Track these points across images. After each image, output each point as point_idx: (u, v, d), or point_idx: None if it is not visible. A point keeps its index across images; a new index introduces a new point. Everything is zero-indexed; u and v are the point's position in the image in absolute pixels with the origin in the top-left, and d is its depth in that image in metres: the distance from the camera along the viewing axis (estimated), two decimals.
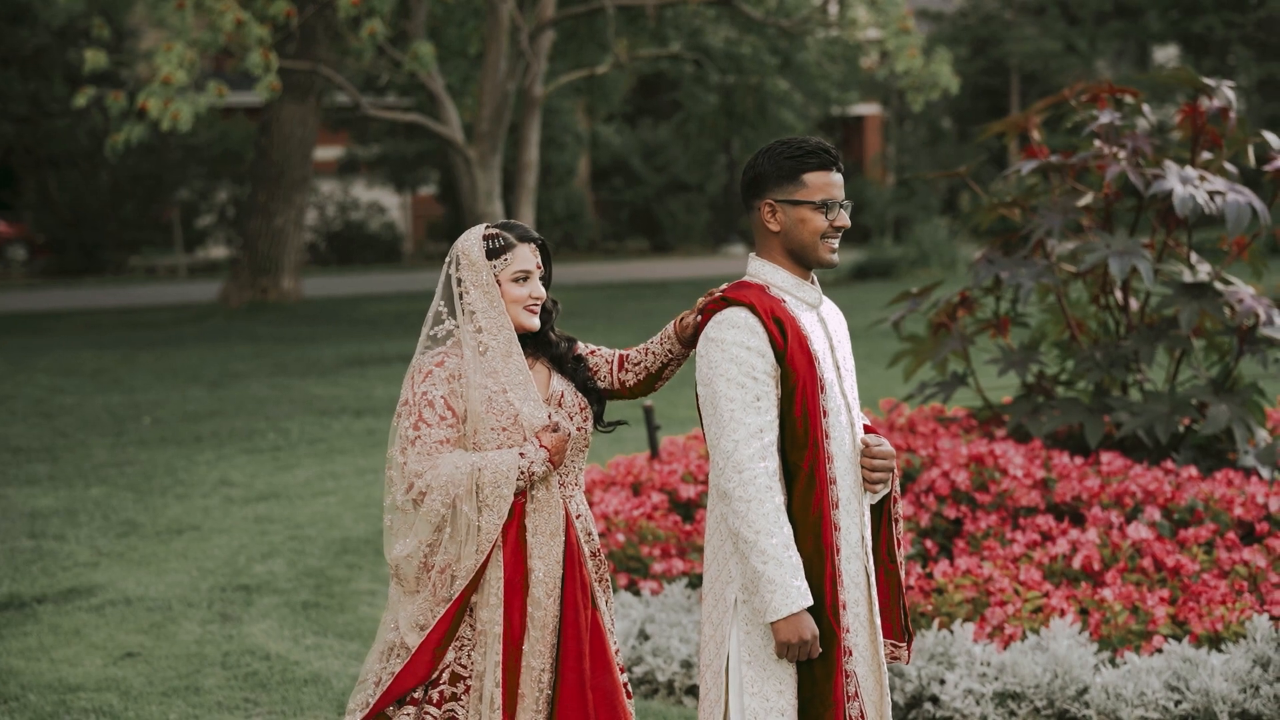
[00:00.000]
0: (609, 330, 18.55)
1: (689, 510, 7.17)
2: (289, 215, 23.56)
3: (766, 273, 3.75)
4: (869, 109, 39.57)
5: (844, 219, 3.73)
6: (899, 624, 3.89)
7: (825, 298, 3.88)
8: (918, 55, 18.72)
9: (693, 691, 5.97)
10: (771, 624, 3.58)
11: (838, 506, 3.69)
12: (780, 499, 3.60)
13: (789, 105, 27.20)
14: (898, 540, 3.88)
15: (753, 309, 3.64)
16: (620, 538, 6.76)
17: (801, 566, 3.59)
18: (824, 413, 3.67)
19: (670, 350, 3.95)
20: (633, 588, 6.60)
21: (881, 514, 3.87)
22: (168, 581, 7.78)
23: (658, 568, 6.54)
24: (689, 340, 3.93)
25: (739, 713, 3.65)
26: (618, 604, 6.37)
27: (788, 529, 3.59)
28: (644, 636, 6.16)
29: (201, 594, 7.54)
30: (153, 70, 16.46)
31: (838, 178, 3.74)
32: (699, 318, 3.77)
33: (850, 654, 3.69)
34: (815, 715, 3.63)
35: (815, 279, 3.81)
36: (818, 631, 3.60)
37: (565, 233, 34.36)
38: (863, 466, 3.75)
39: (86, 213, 31.98)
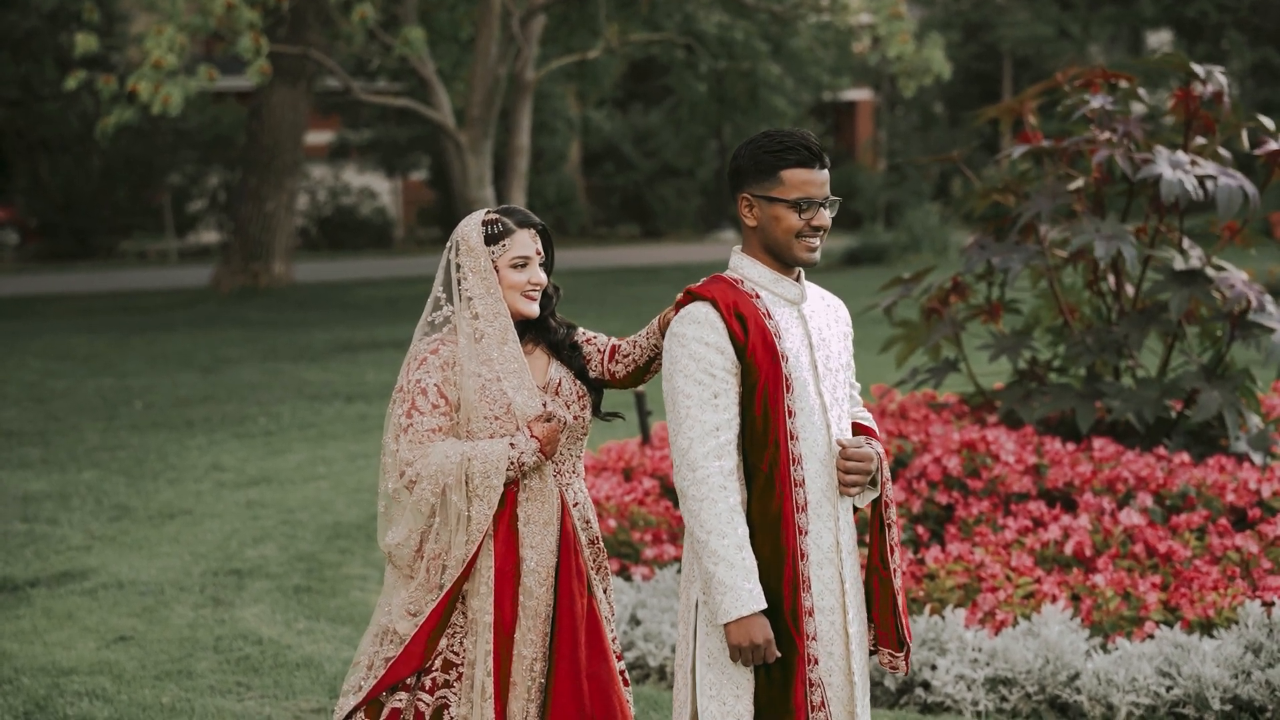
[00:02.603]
0: (600, 316, 18.54)
1: None
2: (280, 200, 23.50)
3: (744, 267, 3.68)
4: (860, 94, 39.53)
5: (823, 219, 3.61)
6: (893, 632, 3.76)
7: (826, 293, 3.80)
8: (910, 40, 18.69)
9: None
10: (724, 626, 3.51)
11: (804, 509, 3.58)
12: (735, 499, 3.53)
13: (780, 91, 27.17)
14: (890, 546, 3.74)
15: (714, 304, 3.57)
16: (612, 523, 6.77)
17: (755, 569, 3.51)
18: (790, 413, 3.57)
19: (656, 345, 3.91)
20: (624, 573, 6.60)
21: (874, 518, 3.75)
22: (160, 565, 7.78)
23: (649, 553, 6.54)
24: None
25: (700, 714, 3.60)
26: None
27: (742, 530, 3.52)
28: (635, 622, 6.17)
29: (194, 578, 7.54)
30: (143, 54, 16.40)
31: (819, 175, 3.60)
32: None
33: (816, 662, 3.58)
34: None
35: (801, 274, 3.70)
36: (771, 636, 3.51)
37: (556, 218, 34.30)
38: (837, 468, 3.63)
39: (78, 197, 31.87)
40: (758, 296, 3.64)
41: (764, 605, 3.50)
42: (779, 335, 3.60)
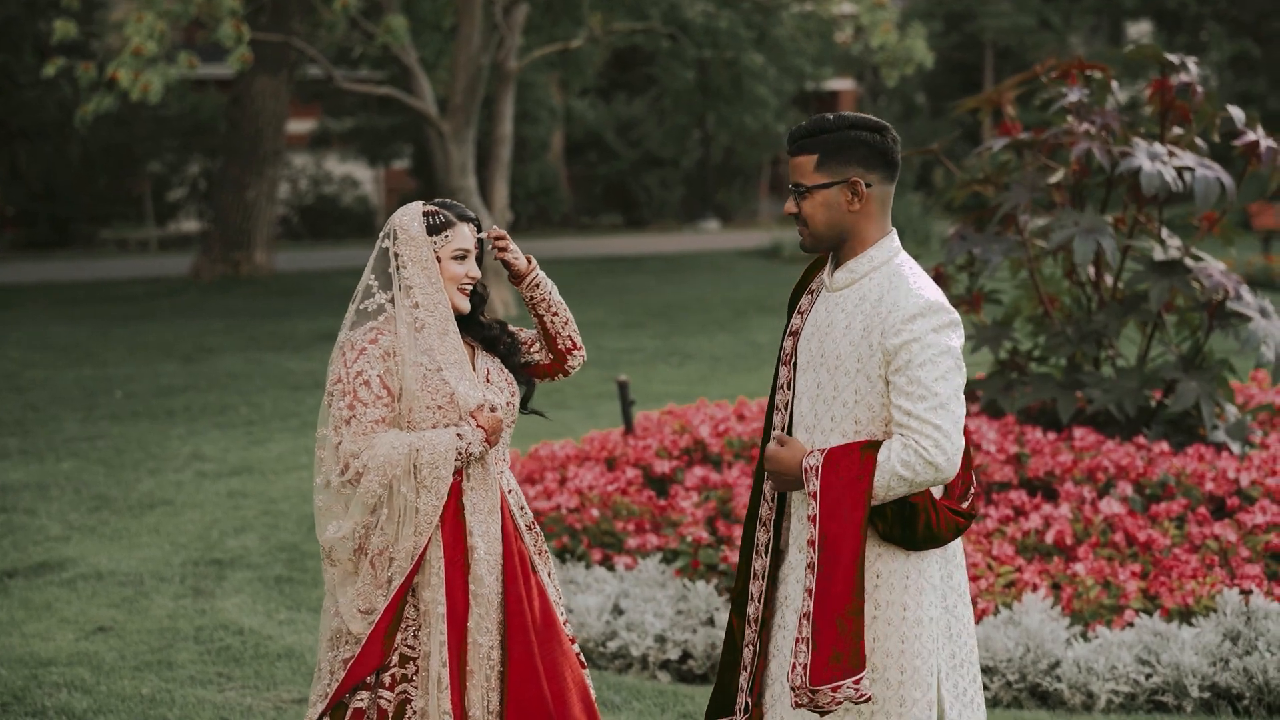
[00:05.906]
0: (582, 306, 18.52)
1: (663, 485, 7.17)
2: (261, 188, 23.43)
3: None
4: (843, 84, 39.53)
5: (789, 205, 3.56)
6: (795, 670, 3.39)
7: (891, 290, 3.44)
8: (892, 30, 18.70)
9: (666, 666, 5.99)
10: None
11: (767, 482, 3.60)
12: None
13: (763, 80, 27.15)
14: (808, 588, 3.38)
15: None
16: (595, 513, 6.76)
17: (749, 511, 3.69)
18: (778, 384, 3.64)
19: (530, 301, 4.01)
20: (607, 563, 6.60)
21: None
22: (140, 556, 7.76)
23: (632, 543, 6.54)
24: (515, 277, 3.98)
25: None
26: (591, 579, 6.38)
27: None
28: (618, 611, 6.17)
29: (174, 568, 7.52)
30: (123, 41, 16.32)
31: (792, 161, 3.53)
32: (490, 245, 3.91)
33: (749, 625, 3.58)
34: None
35: (853, 263, 3.50)
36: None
37: (539, 207, 34.24)
38: None
39: (57, 185, 31.70)
40: (819, 277, 3.69)
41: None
42: (799, 311, 3.65)
